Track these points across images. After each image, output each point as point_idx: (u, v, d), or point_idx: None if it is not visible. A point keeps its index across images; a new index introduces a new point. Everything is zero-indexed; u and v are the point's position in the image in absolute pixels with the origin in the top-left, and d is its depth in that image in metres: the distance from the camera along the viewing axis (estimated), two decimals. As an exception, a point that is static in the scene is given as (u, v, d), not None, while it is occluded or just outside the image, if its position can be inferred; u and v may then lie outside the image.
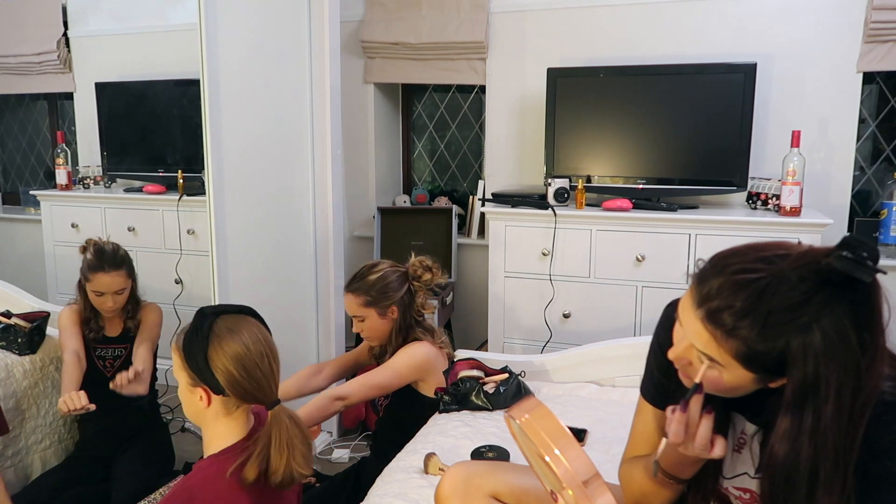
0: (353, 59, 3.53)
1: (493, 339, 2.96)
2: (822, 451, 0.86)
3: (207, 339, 1.33)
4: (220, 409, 1.36)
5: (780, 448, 0.88)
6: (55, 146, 3.26)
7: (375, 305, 2.06)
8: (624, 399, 2.17)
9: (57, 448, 2.39)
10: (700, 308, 0.88)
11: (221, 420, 1.37)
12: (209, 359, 1.31)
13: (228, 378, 1.31)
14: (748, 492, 1.04)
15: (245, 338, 1.34)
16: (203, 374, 1.32)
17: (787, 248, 0.88)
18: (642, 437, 1.19)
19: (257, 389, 1.34)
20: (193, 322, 1.37)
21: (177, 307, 2.95)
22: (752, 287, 0.85)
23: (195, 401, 1.35)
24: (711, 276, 0.89)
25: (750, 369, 0.88)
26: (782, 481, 0.89)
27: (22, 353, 2.34)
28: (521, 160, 3.32)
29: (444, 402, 2.11)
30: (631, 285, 2.73)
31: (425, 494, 1.57)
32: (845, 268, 0.81)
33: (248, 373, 1.32)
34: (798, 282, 0.83)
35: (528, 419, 0.99)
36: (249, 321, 1.39)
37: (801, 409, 0.86)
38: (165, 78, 2.97)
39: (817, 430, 0.85)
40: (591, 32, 3.09)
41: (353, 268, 3.63)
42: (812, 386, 0.84)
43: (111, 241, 2.28)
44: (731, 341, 0.86)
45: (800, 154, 2.60)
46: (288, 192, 2.68)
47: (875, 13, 2.63)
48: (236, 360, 1.31)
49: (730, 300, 0.85)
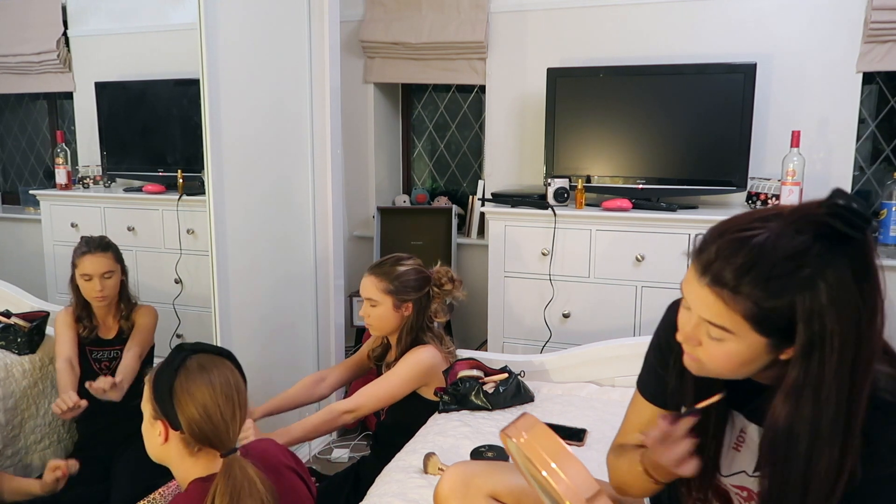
0: (353, 59, 3.53)
1: (493, 339, 2.96)
2: (825, 404, 0.86)
3: (176, 372, 1.31)
4: (181, 448, 1.32)
5: (782, 407, 0.89)
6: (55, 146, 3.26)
7: (394, 295, 2.07)
8: (624, 399, 2.16)
9: (57, 448, 2.39)
10: (704, 275, 0.89)
11: (186, 459, 1.33)
12: (173, 392, 1.30)
13: (188, 416, 1.29)
14: (745, 490, 1.04)
15: (214, 378, 1.32)
16: (164, 406, 1.30)
17: (780, 209, 0.90)
18: (633, 429, 1.21)
19: (213, 434, 1.30)
20: (169, 356, 1.36)
21: (176, 307, 2.94)
22: (750, 243, 0.86)
23: (155, 435, 1.33)
24: (710, 242, 0.90)
25: (761, 331, 0.87)
26: (784, 438, 0.90)
27: (21, 353, 2.34)
28: (520, 160, 3.32)
29: (443, 402, 2.11)
30: (631, 285, 2.73)
31: (425, 494, 1.57)
32: (841, 215, 0.83)
33: (209, 415, 1.29)
34: (795, 233, 0.85)
35: (526, 439, 0.98)
36: (223, 364, 1.36)
37: (806, 364, 0.86)
38: (165, 78, 2.97)
39: (821, 384, 0.86)
40: (591, 32, 3.09)
41: (353, 268, 3.64)
42: (819, 340, 0.84)
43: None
44: (738, 301, 0.86)
45: (799, 154, 2.60)
46: (288, 192, 2.68)
47: (875, 13, 2.63)
48: (199, 400, 1.29)
49: (731, 258, 0.86)
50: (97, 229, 3.05)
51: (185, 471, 1.34)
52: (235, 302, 2.44)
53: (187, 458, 1.33)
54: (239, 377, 1.38)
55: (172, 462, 1.35)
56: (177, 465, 1.35)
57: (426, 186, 3.89)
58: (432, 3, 3.31)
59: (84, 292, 2.23)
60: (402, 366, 2.05)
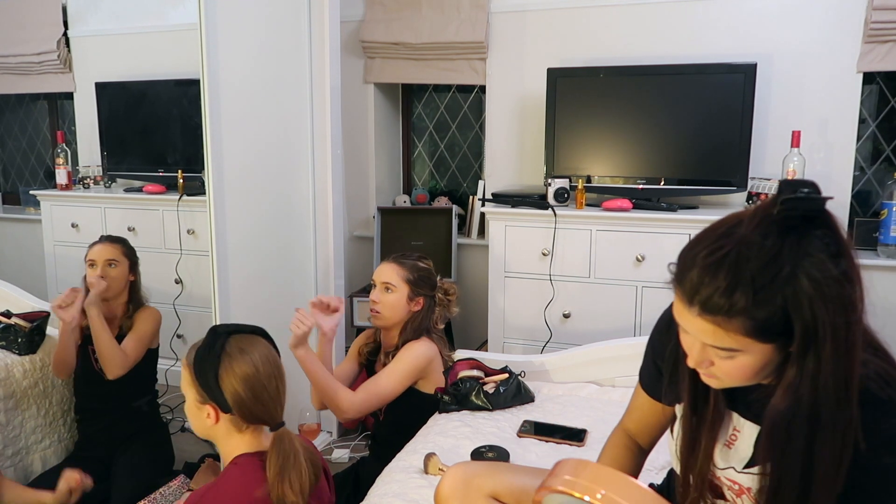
0: (353, 59, 3.53)
1: (493, 339, 2.96)
2: (823, 392, 0.87)
3: (219, 358, 1.34)
4: (229, 427, 1.37)
5: (782, 400, 0.90)
6: (55, 146, 3.26)
7: (412, 286, 2.10)
8: (624, 399, 2.16)
9: (57, 448, 2.40)
10: (693, 305, 0.89)
11: (234, 436, 1.38)
12: (219, 378, 1.33)
13: (236, 398, 1.33)
14: (736, 483, 1.05)
15: (255, 358, 1.36)
16: (212, 392, 1.34)
17: (738, 217, 0.90)
18: (634, 414, 1.29)
19: (263, 411, 1.36)
20: (206, 340, 1.39)
21: (177, 307, 2.95)
22: (725, 262, 0.86)
23: (203, 418, 1.37)
24: (686, 270, 0.90)
25: (765, 340, 0.88)
26: (784, 432, 0.90)
27: (22, 353, 2.34)
28: (521, 160, 3.32)
29: (443, 402, 2.11)
30: (631, 285, 2.73)
31: (425, 494, 1.57)
32: (796, 207, 0.84)
33: (255, 394, 1.34)
34: (762, 239, 0.85)
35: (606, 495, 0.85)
36: (260, 342, 1.41)
37: (803, 357, 0.87)
38: (165, 78, 2.98)
39: (819, 372, 0.86)
40: (591, 32, 3.09)
41: (354, 268, 3.64)
42: (812, 331, 0.85)
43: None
44: (734, 322, 0.86)
45: (800, 154, 2.60)
46: (288, 192, 2.68)
47: (875, 13, 2.63)
48: (245, 381, 1.33)
49: (713, 283, 0.86)
50: (97, 229, 3.05)
51: (232, 447, 1.39)
52: (236, 302, 2.44)
53: (235, 435, 1.38)
54: (275, 352, 1.42)
55: (220, 440, 1.40)
56: (224, 442, 1.40)
57: (426, 187, 3.89)
58: (432, 3, 3.31)
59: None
60: (400, 360, 2.05)
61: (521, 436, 1.94)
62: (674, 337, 1.03)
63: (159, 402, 2.47)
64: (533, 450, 1.85)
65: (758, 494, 0.99)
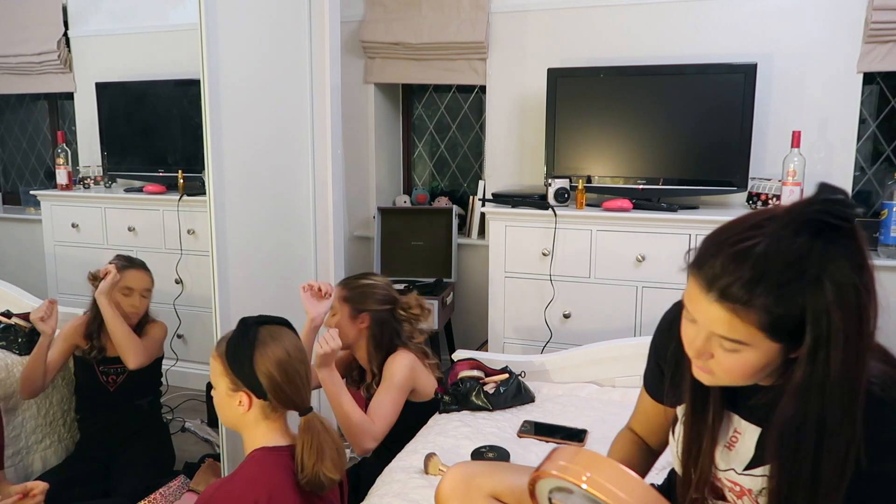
0: (353, 59, 3.53)
1: (493, 339, 2.96)
2: (830, 399, 0.87)
3: (253, 345, 1.42)
4: (258, 414, 1.43)
5: (789, 405, 0.90)
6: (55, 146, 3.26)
7: (350, 303, 2.05)
8: (624, 399, 2.17)
9: (57, 448, 2.39)
10: (711, 291, 0.88)
11: (261, 424, 1.44)
12: (255, 363, 1.40)
13: (271, 382, 1.40)
14: (737, 485, 1.05)
15: (287, 344, 1.45)
16: (248, 378, 1.41)
17: (771, 212, 0.90)
18: (639, 416, 1.29)
19: (295, 394, 1.43)
20: (238, 330, 1.47)
21: (177, 307, 2.95)
22: (753, 253, 0.86)
23: (234, 406, 1.43)
24: (710, 256, 0.90)
25: (775, 338, 0.87)
26: (792, 437, 0.90)
27: (22, 353, 2.34)
28: (521, 160, 3.32)
29: (444, 402, 2.11)
30: (631, 285, 2.73)
31: (425, 494, 1.58)
32: (833, 209, 0.84)
33: (289, 378, 1.42)
34: (794, 235, 0.85)
35: (591, 478, 0.87)
36: (288, 331, 1.49)
37: (812, 362, 0.87)
38: (165, 78, 2.97)
39: (827, 379, 0.86)
40: (591, 32, 3.09)
41: (354, 268, 3.64)
42: (824, 338, 0.85)
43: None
44: (751, 313, 0.86)
45: (800, 154, 2.60)
46: (288, 192, 2.68)
47: (875, 13, 2.63)
48: (279, 365, 1.41)
49: (737, 272, 0.86)
50: (98, 230, 3.05)
51: (256, 437, 1.44)
52: (236, 302, 2.43)
53: (262, 423, 1.44)
54: (300, 342, 1.51)
55: (247, 428, 1.45)
56: (251, 430, 1.45)
57: (427, 187, 3.89)
58: (432, 3, 3.31)
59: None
60: (387, 378, 1.99)
61: (522, 436, 1.94)
62: (676, 337, 1.03)
63: (160, 401, 2.47)
64: (533, 450, 1.85)
65: (760, 496, 0.99)
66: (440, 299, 3.15)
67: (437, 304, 3.11)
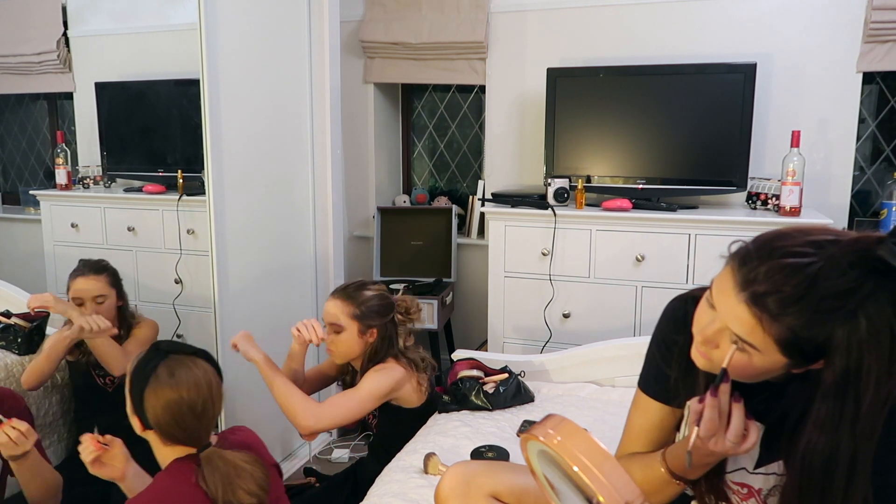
0: (353, 59, 3.53)
1: (493, 339, 2.96)
2: (862, 439, 0.86)
3: (147, 379, 1.38)
4: (156, 439, 1.42)
5: (818, 438, 0.88)
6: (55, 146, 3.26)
7: (361, 321, 1.98)
8: (624, 399, 2.17)
9: (57, 448, 2.39)
10: (744, 291, 0.86)
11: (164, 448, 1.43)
12: (144, 398, 1.38)
13: (156, 420, 1.38)
14: (746, 486, 1.04)
15: (182, 384, 1.37)
16: (137, 408, 1.40)
17: (835, 233, 0.87)
18: (640, 433, 1.17)
19: (185, 436, 1.39)
20: (145, 355, 1.43)
21: (176, 307, 2.94)
22: (804, 272, 0.83)
23: (136, 423, 1.43)
24: (757, 258, 0.87)
25: (787, 355, 0.87)
26: (821, 472, 0.89)
27: (21, 353, 2.34)
28: (520, 160, 3.32)
29: (444, 401, 2.11)
30: (631, 285, 2.73)
31: (425, 494, 1.58)
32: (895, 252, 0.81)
33: (176, 420, 1.37)
34: (849, 268, 0.82)
35: (561, 441, 0.90)
36: (197, 366, 1.41)
37: (841, 398, 0.85)
38: (165, 78, 2.97)
39: (857, 419, 0.85)
40: (591, 32, 3.09)
41: (354, 268, 3.64)
42: (854, 374, 0.83)
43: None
44: (775, 327, 0.85)
45: (800, 154, 2.60)
46: (288, 192, 2.68)
47: (875, 13, 2.63)
48: (166, 407, 1.36)
49: (778, 284, 0.84)
50: (97, 230, 3.05)
51: (165, 455, 1.44)
52: (235, 302, 2.44)
53: (163, 447, 1.43)
54: (212, 375, 1.43)
55: (152, 446, 1.45)
56: (156, 449, 1.45)
57: (426, 186, 3.89)
58: (432, 3, 3.31)
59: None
60: (360, 388, 1.94)
61: (521, 436, 1.93)
62: (689, 332, 1.00)
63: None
64: (533, 450, 1.85)
65: (770, 496, 0.99)
66: (440, 299, 3.15)
67: (436, 303, 3.11)
